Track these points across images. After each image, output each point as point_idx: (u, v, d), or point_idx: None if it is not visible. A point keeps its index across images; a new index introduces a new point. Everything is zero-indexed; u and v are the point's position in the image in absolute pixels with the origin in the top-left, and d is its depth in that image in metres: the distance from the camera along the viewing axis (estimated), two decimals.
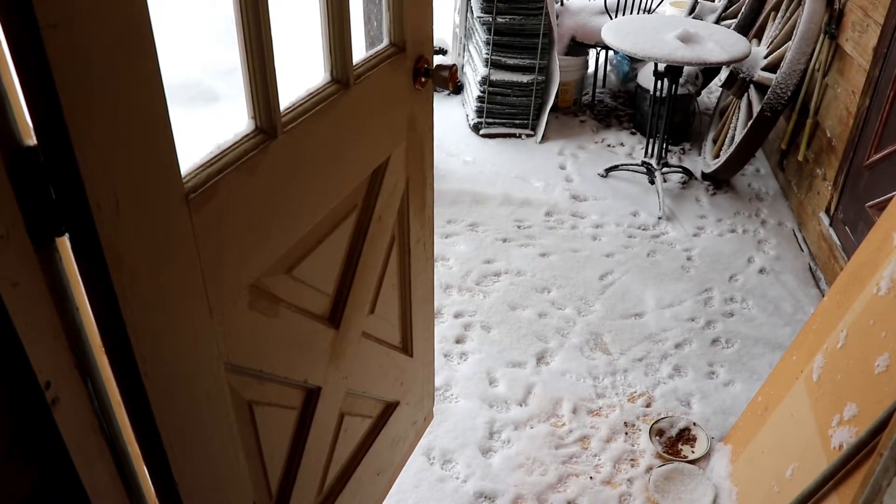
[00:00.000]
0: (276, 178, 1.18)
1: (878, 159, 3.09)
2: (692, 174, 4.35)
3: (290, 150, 1.20)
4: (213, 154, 1.06)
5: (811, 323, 2.32)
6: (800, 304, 3.37)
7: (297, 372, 1.42)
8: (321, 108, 1.27)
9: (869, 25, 3.31)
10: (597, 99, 5.23)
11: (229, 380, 1.19)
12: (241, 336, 1.20)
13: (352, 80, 1.34)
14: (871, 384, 1.87)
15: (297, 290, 1.34)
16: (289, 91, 1.27)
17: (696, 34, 3.74)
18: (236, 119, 1.16)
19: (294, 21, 5.06)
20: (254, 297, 1.21)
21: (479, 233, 3.72)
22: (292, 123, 1.19)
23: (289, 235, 1.26)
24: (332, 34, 1.29)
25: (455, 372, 2.87)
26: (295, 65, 3.55)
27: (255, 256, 1.18)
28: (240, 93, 1.13)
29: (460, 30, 5.17)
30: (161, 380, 1.01)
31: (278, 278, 1.28)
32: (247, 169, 1.10)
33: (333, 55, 1.30)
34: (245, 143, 1.11)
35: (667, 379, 2.90)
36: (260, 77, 1.11)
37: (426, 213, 1.83)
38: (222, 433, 1.21)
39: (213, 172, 1.04)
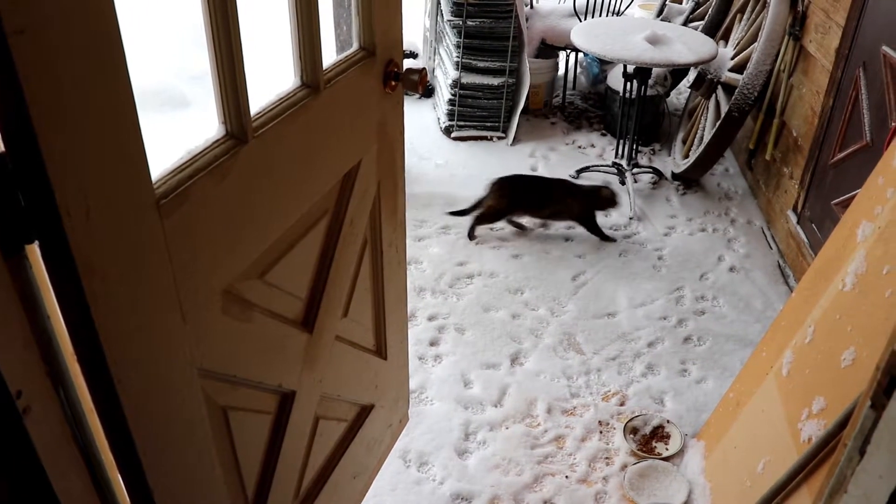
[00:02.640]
0: (247, 183, 1.18)
1: (842, 158, 3.14)
2: (662, 174, 4.39)
3: (261, 155, 1.20)
4: (184, 160, 1.06)
5: (780, 319, 2.35)
6: (769, 300, 3.41)
7: (271, 376, 1.42)
8: (292, 112, 1.27)
9: (831, 27, 3.36)
10: (567, 101, 5.27)
11: (203, 385, 1.19)
12: (214, 341, 1.20)
13: (322, 84, 1.35)
14: (838, 378, 1.90)
15: (270, 294, 1.34)
16: (260, 96, 1.27)
17: (664, 36, 3.78)
18: (207, 124, 1.16)
19: (264, 25, 5.05)
20: (227, 303, 1.20)
21: (452, 235, 3.73)
22: (263, 128, 1.20)
23: (261, 240, 1.26)
24: (301, 39, 1.29)
25: (430, 374, 2.87)
26: (266, 69, 3.54)
27: (227, 261, 1.18)
28: (210, 98, 1.13)
29: (431, 33, 5.18)
30: (134, 387, 1.01)
31: (251, 283, 1.27)
32: (218, 174, 1.10)
33: (303, 60, 1.31)
34: (216, 148, 1.11)
35: (640, 377, 2.93)
36: (230, 82, 1.11)
37: (398, 217, 1.83)
38: (197, 439, 1.21)
39: (184, 178, 1.04)
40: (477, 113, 4.66)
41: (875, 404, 0.86)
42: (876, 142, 2.87)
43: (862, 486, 0.86)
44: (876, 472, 0.83)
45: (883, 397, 0.84)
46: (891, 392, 0.82)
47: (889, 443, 0.81)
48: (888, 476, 0.81)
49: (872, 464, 0.85)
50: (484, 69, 4.56)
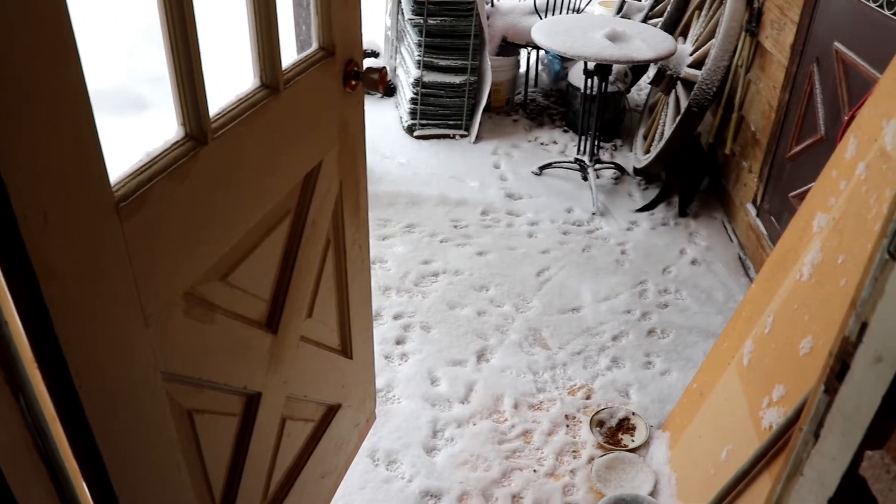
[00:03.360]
0: (207, 185, 1.17)
1: (798, 151, 3.20)
2: (624, 170, 4.43)
3: (221, 157, 1.19)
4: (143, 162, 1.06)
5: (740, 310, 2.39)
6: (731, 292, 3.46)
7: (236, 378, 1.41)
8: (251, 113, 1.27)
9: (786, 24, 3.42)
10: (529, 98, 5.30)
11: (167, 389, 1.18)
12: (177, 344, 1.19)
13: (281, 84, 1.35)
14: (796, 366, 1.94)
15: (233, 296, 1.34)
16: (219, 97, 1.27)
17: (623, 33, 3.82)
18: (167, 127, 1.16)
19: (223, 25, 5.01)
20: (189, 305, 1.20)
21: (416, 234, 3.73)
22: (222, 129, 1.19)
23: (222, 242, 1.26)
24: (260, 39, 1.29)
25: (396, 373, 2.87)
26: (225, 70, 3.51)
27: (189, 264, 1.17)
28: (170, 100, 1.12)
29: (392, 32, 5.18)
30: (97, 392, 1.00)
31: (213, 285, 1.27)
32: (177, 176, 1.10)
33: (262, 60, 1.30)
34: (175, 150, 1.11)
35: (605, 371, 2.96)
36: (188, 83, 1.11)
37: (361, 216, 1.84)
38: (162, 443, 1.20)
39: (144, 180, 1.04)
40: (439, 111, 4.67)
41: (828, 389, 0.88)
42: (830, 135, 2.93)
43: (816, 468, 0.89)
44: (829, 454, 0.86)
45: (835, 382, 0.86)
46: (843, 377, 0.85)
47: (841, 425, 0.83)
48: (840, 457, 0.83)
49: (826, 446, 0.87)
50: (445, 67, 4.57)
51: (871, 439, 0.78)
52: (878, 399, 0.76)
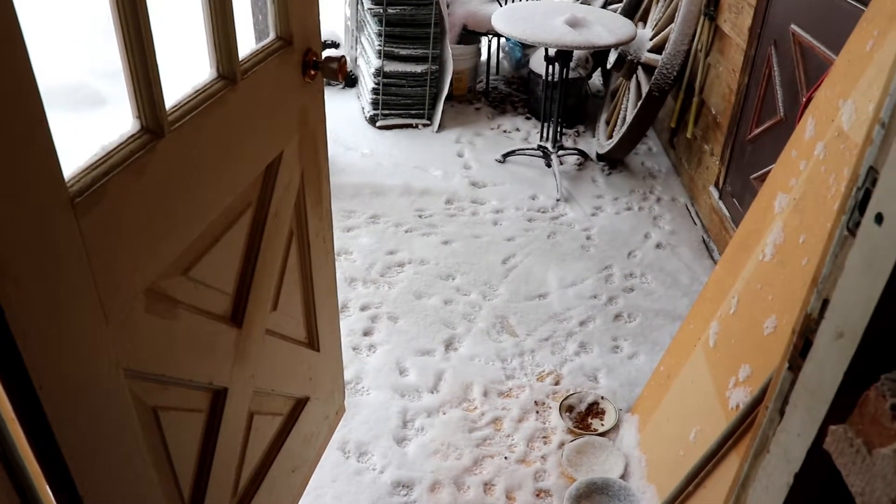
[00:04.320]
0: (165, 178, 1.15)
1: (758, 133, 3.23)
2: (587, 156, 4.45)
3: (179, 149, 1.17)
4: (99, 156, 1.03)
5: (705, 292, 2.41)
6: (695, 275, 3.49)
7: (201, 374, 1.40)
8: (209, 104, 1.25)
9: (743, 7, 3.45)
10: (491, 86, 5.29)
11: (131, 386, 1.16)
12: (140, 341, 1.17)
13: (239, 75, 1.33)
14: (761, 345, 1.96)
15: (196, 290, 1.32)
16: (177, 88, 1.25)
17: (583, 19, 3.82)
18: (125, 123, 1.13)
19: (179, 15, 4.94)
20: (151, 301, 1.18)
21: (381, 224, 3.72)
22: (179, 122, 1.17)
23: (183, 236, 1.24)
24: (215, 29, 1.27)
25: (365, 364, 2.86)
26: (183, 60, 3.47)
27: (149, 259, 1.15)
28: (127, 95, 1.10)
29: (352, 22, 5.14)
30: (58, 392, 0.98)
31: (175, 280, 1.25)
32: (134, 170, 1.07)
33: (219, 51, 1.28)
34: (131, 143, 1.09)
35: (573, 356, 2.97)
36: (142, 75, 1.08)
37: (324, 207, 1.82)
38: (127, 442, 1.18)
39: (99, 175, 1.02)
40: (401, 101, 4.65)
41: (792, 366, 0.89)
42: (789, 117, 2.96)
43: (782, 444, 0.89)
44: (794, 430, 0.87)
45: (799, 359, 0.87)
46: (806, 353, 0.85)
47: (806, 401, 0.84)
48: (805, 433, 0.84)
49: (791, 423, 0.88)
50: (406, 57, 4.55)
51: (834, 414, 0.79)
52: (840, 374, 0.77)
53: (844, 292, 0.77)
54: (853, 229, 0.76)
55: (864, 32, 1.91)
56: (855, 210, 0.77)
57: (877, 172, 0.73)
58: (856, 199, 0.77)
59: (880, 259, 0.71)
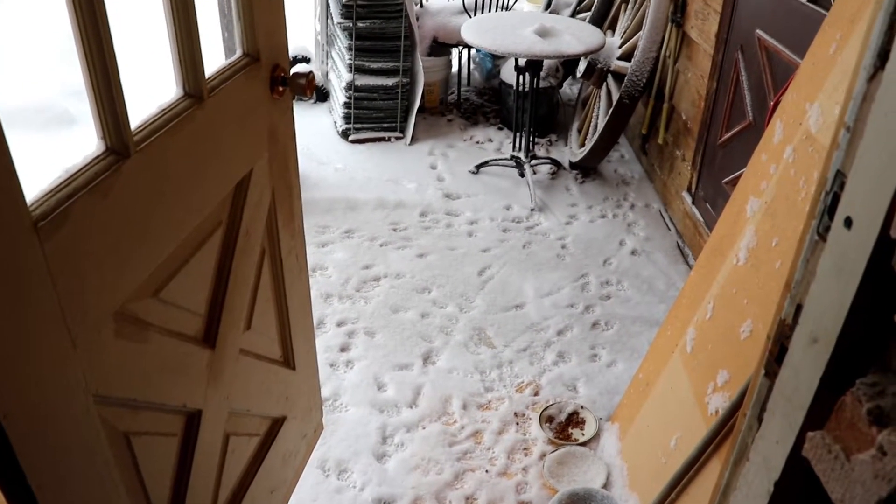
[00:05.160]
0: (132, 200, 1.14)
1: (728, 138, 3.25)
2: (560, 164, 4.46)
3: (146, 170, 1.16)
4: (63, 178, 1.01)
5: (681, 298, 2.42)
6: (671, 280, 3.51)
7: (174, 397, 1.37)
8: (175, 123, 1.23)
9: (710, 14, 3.48)
10: (462, 97, 5.30)
11: (101, 413, 1.14)
12: (109, 366, 1.15)
13: (205, 93, 1.31)
14: (738, 350, 1.96)
15: (167, 312, 1.30)
16: (143, 107, 1.23)
17: (552, 28, 3.84)
18: (95, 142, 1.11)
19: (145, 32, 4.90)
20: (120, 325, 1.16)
21: (356, 239, 3.70)
22: (145, 142, 1.15)
23: (152, 257, 1.22)
24: (181, 47, 1.25)
25: (342, 381, 2.84)
26: (150, 78, 3.44)
27: (118, 282, 1.13)
28: None
29: (322, 37, 5.13)
30: (24, 420, 0.96)
31: (145, 302, 1.23)
32: (100, 192, 1.06)
33: (184, 69, 1.27)
34: (96, 164, 1.07)
35: (552, 366, 2.97)
36: (106, 95, 1.07)
37: (296, 224, 1.80)
38: (98, 469, 1.16)
39: (64, 197, 1.00)
40: (373, 115, 4.64)
41: (768, 372, 0.89)
42: (758, 120, 2.99)
43: (762, 452, 0.89)
44: (773, 437, 0.86)
45: (774, 365, 0.87)
46: (781, 359, 0.85)
47: (783, 408, 0.84)
48: (784, 440, 0.83)
49: (770, 430, 0.87)
50: (377, 70, 4.55)
51: (811, 420, 0.79)
52: (816, 380, 0.77)
53: (817, 297, 0.77)
54: (823, 234, 0.76)
55: (827, 36, 1.93)
56: (824, 214, 0.77)
57: (844, 176, 0.73)
58: (825, 204, 0.77)
59: (850, 263, 0.71)
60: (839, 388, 0.75)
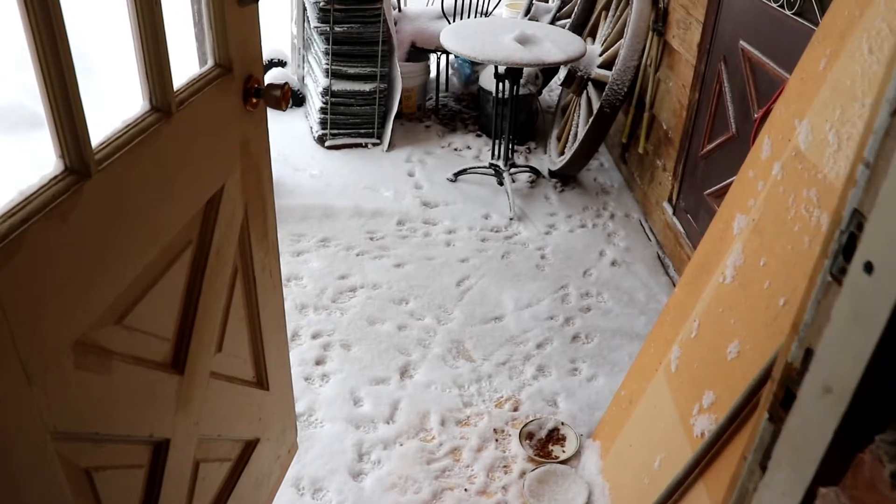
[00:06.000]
0: (93, 222, 1.06)
1: (711, 149, 3.22)
2: (539, 173, 4.41)
3: (108, 190, 1.08)
4: (16, 202, 0.94)
5: (665, 315, 2.37)
6: (652, 292, 3.47)
7: (139, 427, 1.30)
8: (141, 140, 1.16)
9: (691, 23, 3.45)
10: (441, 103, 5.24)
11: (59, 449, 1.06)
12: (69, 400, 1.08)
13: (174, 106, 1.24)
14: (725, 371, 1.92)
15: (132, 339, 1.22)
16: (106, 121, 1.16)
17: (532, 35, 3.79)
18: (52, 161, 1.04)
19: (108, 39, 4.80)
20: (80, 356, 1.08)
21: (332, 248, 3.63)
22: (108, 160, 1.08)
23: (116, 282, 1.15)
24: (147, 58, 1.18)
25: (317, 395, 2.77)
26: (114, 90, 3.34)
27: (77, 310, 1.06)
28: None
29: (298, 40, 5.05)
30: None
31: (108, 330, 1.15)
32: (58, 215, 0.98)
33: (151, 81, 1.19)
34: (53, 186, 0.99)
35: (531, 380, 2.91)
36: (64, 109, 0.99)
37: (269, 239, 1.73)
38: None
39: (17, 223, 0.92)
40: (350, 120, 4.57)
41: (773, 417, 0.83)
42: (741, 132, 2.95)
43: (765, 502, 0.84)
44: (779, 488, 0.81)
45: (780, 410, 0.81)
46: (789, 405, 0.80)
47: (791, 458, 0.78)
48: (791, 493, 0.78)
49: (775, 480, 0.82)
50: (355, 75, 4.47)
51: (823, 475, 0.73)
52: (829, 433, 0.71)
53: (831, 344, 0.72)
54: (838, 276, 0.71)
55: (816, 51, 1.88)
56: (839, 255, 0.71)
57: (863, 216, 0.68)
58: (839, 244, 0.71)
59: (872, 311, 0.65)
60: (856, 442, 0.70)
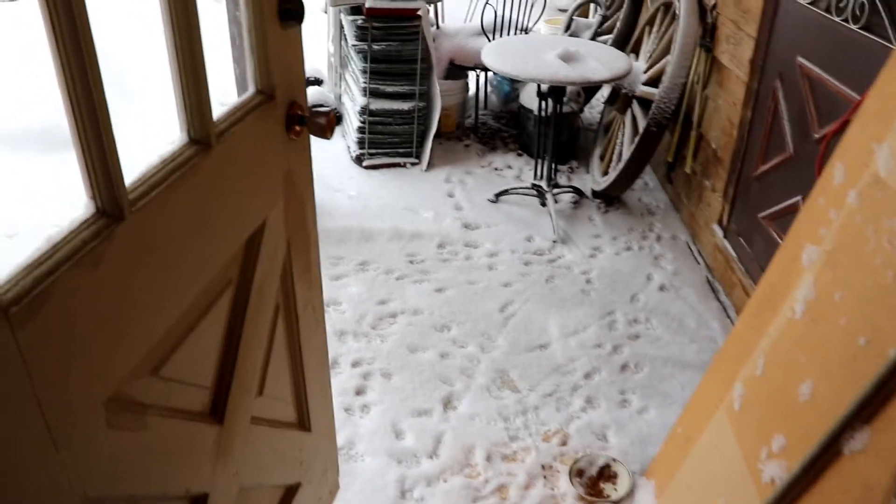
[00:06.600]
0: (127, 268, 0.97)
1: (766, 170, 3.08)
2: (583, 193, 4.29)
3: (143, 232, 0.99)
4: (42, 251, 0.85)
5: (725, 350, 2.23)
6: (703, 318, 3.33)
7: (176, 484, 1.20)
8: (179, 176, 1.06)
9: (742, 38, 3.32)
10: (480, 122, 5.14)
11: None
12: (101, 462, 0.98)
13: (213, 138, 1.15)
14: (796, 413, 1.78)
15: (168, 390, 1.13)
16: (140, 154, 1.07)
17: (577, 52, 3.68)
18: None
19: (144, 70, 4.77)
20: (113, 413, 0.99)
21: (371, 271, 3.53)
22: (143, 199, 0.99)
23: (152, 330, 1.05)
24: (185, 87, 1.09)
25: (358, 427, 2.66)
26: (147, 116, 3.27)
27: (109, 364, 0.97)
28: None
29: (335, 59, 4.99)
30: None
31: (143, 382, 1.06)
32: (89, 262, 0.89)
33: (189, 112, 1.10)
34: (84, 230, 0.90)
35: (580, 412, 2.78)
36: (96, 146, 0.91)
37: (312, 274, 1.64)
38: None
39: (43, 274, 0.83)
40: (388, 139, 4.48)
41: None
42: (800, 153, 2.81)
43: None
44: None
45: None
46: None
47: None
48: None
49: None
50: (393, 94, 4.39)
51: None
52: None
53: None
54: None
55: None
56: None
57: None
58: None
59: None
60: None
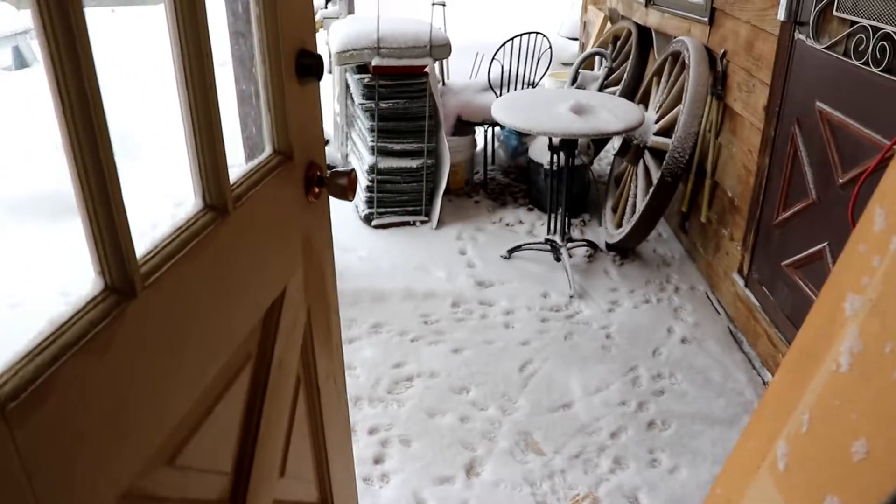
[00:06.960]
0: (139, 350, 0.88)
1: (788, 217, 3.00)
2: (597, 246, 4.21)
3: (157, 310, 0.90)
4: (45, 335, 0.76)
5: (763, 406, 2.12)
6: (728, 371, 3.21)
7: None
8: (195, 244, 0.98)
9: (755, 85, 3.27)
10: (488, 177, 5.09)
11: None
12: None
13: (230, 203, 1.07)
14: (850, 474, 1.66)
15: (186, 480, 1.03)
16: (151, 219, 0.99)
17: (588, 105, 3.63)
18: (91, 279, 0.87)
19: (152, 133, 4.74)
20: None
21: (384, 334, 3.43)
22: (157, 273, 0.90)
23: (166, 417, 0.96)
24: (201, 151, 1.01)
25: (378, 499, 2.54)
26: (155, 176, 3.21)
27: (121, 459, 0.87)
28: None
29: (341, 118, 4.96)
30: None
31: (158, 473, 0.96)
32: (96, 347, 0.80)
33: (205, 177, 1.02)
34: (91, 310, 0.81)
35: (608, 474, 2.66)
36: (105, 219, 0.82)
37: (333, 342, 1.54)
38: None
39: (46, 362, 0.74)
40: (397, 198, 4.43)
41: None
42: (823, 199, 2.73)
43: None
44: None
45: None
46: None
47: None
48: None
49: None
50: (401, 152, 4.34)
51: None
52: None
53: None
54: None
55: None
56: None
57: None
58: None
59: None
60: None
